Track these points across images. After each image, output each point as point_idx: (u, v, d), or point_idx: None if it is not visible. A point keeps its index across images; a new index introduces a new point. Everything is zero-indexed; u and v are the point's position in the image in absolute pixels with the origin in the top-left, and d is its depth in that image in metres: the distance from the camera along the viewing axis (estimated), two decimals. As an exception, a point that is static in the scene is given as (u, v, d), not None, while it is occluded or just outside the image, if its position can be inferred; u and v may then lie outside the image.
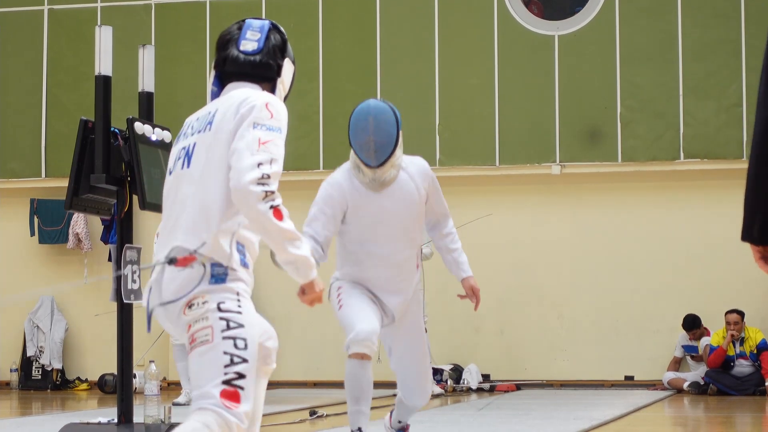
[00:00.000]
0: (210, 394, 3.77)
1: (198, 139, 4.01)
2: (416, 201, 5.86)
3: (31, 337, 14.16)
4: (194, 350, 3.84)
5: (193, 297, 3.84)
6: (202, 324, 3.82)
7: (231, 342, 3.80)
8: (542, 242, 13.43)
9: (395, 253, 5.86)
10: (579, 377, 13.29)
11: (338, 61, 13.74)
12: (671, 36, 13.11)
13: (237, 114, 3.91)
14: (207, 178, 3.92)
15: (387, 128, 5.81)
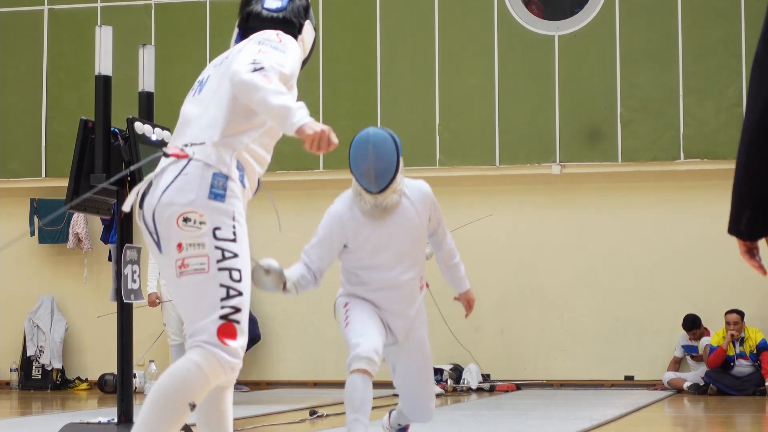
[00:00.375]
0: (206, 329, 3.71)
1: (213, 71, 4.09)
2: (417, 225, 5.94)
3: (31, 336, 14.16)
4: (186, 277, 3.75)
5: (191, 210, 3.78)
6: (198, 251, 3.75)
7: (226, 273, 3.76)
8: (542, 242, 13.43)
9: (398, 276, 5.91)
10: (579, 377, 13.29)
11: (338, 61, 13.74)
12: (671, 36, 13.11)
13: (249, 41, 4.00)
14: (214, 100, 3.96)
15: (387, 155, 5.84)
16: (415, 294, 5.98)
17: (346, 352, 5.98)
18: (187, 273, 3.75)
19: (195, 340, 3.72)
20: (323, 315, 13.76)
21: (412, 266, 5.94)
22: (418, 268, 5.97)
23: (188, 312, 3.76)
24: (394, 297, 5.91)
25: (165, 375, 3.72)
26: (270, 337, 13.81)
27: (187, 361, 3.70)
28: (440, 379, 12.81)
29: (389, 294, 5.91)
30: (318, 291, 15.22)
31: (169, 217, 3.80)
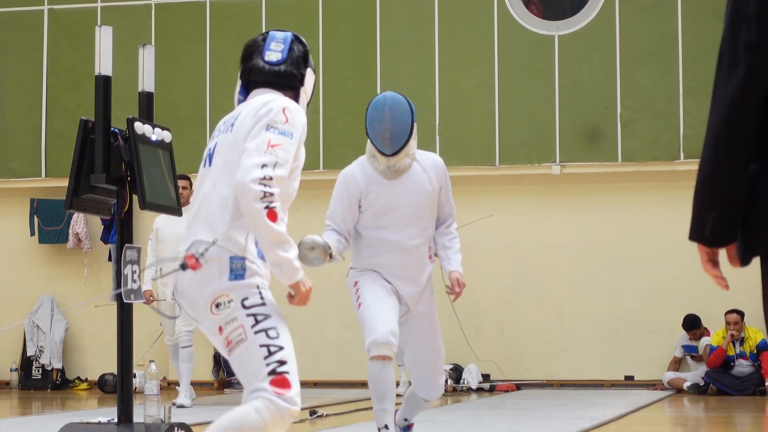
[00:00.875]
0: (261, 388, 3.88)
1: (220, 139, 4.17)
2: (428, 191, 6.15)
3: (31, 336, 14.16)
4: (233, 352, 3.97)
5: (218, 295, 3.96)
6: (234, 325, 3.95)
7: (263, 334, 3.95)
8: (542, 242, 13.43)
9: (407, 240, 6.07)
10: (579, 377, 13.29)
11: (338, 61, 13.74)
12: (671, 36, 13.11)
13: (255, 115, 4.07)
14: (224, 175, 4.06)
15: (402, 118, 6.06)
16: (425, 261, 6.12)
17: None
18: (234, 348, 3.97)
19: (253, 395, 3.90)
20: (323, 315, 13.77)
21: (420, 232, 6.10)
22: (426, 236, 6.12)
23: (245, 379, 3.97)
24: (402, 262, 6.07)
25: (228, 417, 3.90)
26: (270, 337, 13.79)
27: (249, 406, 3.88)
28: (440, 379, 12.81)
29: (397, 258, 6.07)
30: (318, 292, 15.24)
31: (203, 309, 4.02)
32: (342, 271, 14.45)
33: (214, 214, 4.04)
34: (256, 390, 3.88)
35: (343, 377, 13.57)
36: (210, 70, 13.84)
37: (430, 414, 9.68)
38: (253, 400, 3.88)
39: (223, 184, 4.06)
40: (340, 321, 13.72)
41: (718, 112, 2.83)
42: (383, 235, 6.09)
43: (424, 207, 6.14)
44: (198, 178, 4.24)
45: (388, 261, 6.10)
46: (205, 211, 4.07)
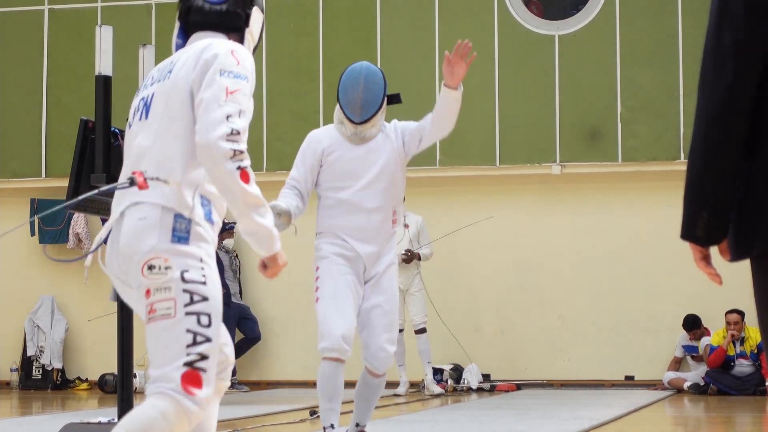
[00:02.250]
0: (170, 377, 3.56)
1: (157, 89, 3.83)
2: (392, 159, 6.28)
3: (32, 336, 14.16)
4: (153, 323, 3.62)
5: (155, 256, 3.62)
6: (164, 295, 3.62)
7: (194, 318, 3.60)
8: (542, 242, 13.43)
9: (365, 201, 6.21)
10: (579, 377, 13.29)
11: (338, 61, 13.73)
12: (671, 36, 13.11)
13: (199, 60, 3.73)
14: (166, 129, 3.74)
15: (375, 89, 6.22)
16: (385, 225, 6.24)
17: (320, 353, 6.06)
18: (155, 318, 3.63)
19: (159, 386, 3.58)
20: (323, 315, 13.77)
21: (379, 195, 6.21)
22: (387, 200, 6.23)
23: (153, 357, 3.62)
24: (360, 223, 6.22)
25: (127, 419, 3.57)
26: (270, 337, 13.81)
27: (151, 407, 3.55)
28: (440, 379, 12.82)
29: (355, 220, 6.23)
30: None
31: (135, 267, 3.69)
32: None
33: (159, 166, 3.70)
34: (165, 381, 3.56)
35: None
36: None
37: (430, 414, 9.68)
38: (158, 395, 3.56)
39: (166, 139, 3.72)
40: (340, 321, 13.71)
41: (707, 110, 2.77)
42: (344, 196, 6.25)
43: (385, 173, 6.25)
44: (129, 132, 3.88)
45: (347, 223, 6.26)
46: (145, 167, 3.71)
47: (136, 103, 3.93)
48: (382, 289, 6.27)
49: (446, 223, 12.93)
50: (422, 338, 12.06)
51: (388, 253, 6.30)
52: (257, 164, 13.65)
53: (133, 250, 3.69)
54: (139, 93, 3.95)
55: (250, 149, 4.32)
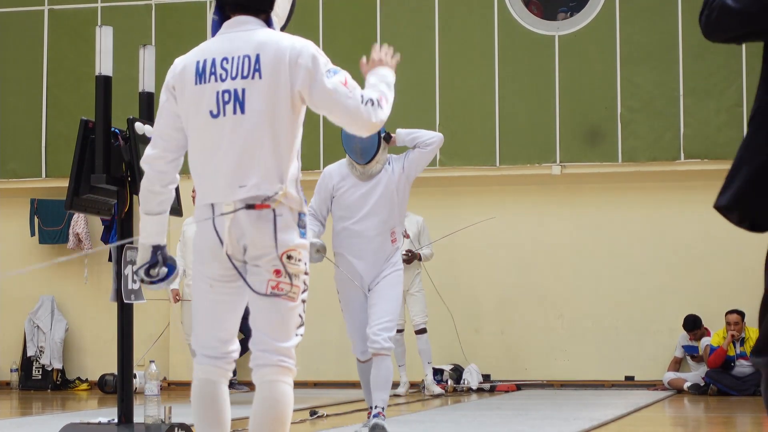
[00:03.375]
0: (289, 353, 4.33)
1: (246, 84, 4.25)
2: (393, 189, 7.44)
3: (32, 337, 14.16)
4: (275, 300, 4.30)
5: (292, 249, 4.29)
6: (294, 281, 4.33)
7: (303, 306, 4.42)
8: (542, 242, 13.43)
9: (367, 231, 7.40)
10: (579, 377, 13.29)
11: (338, 61, 13.66)
12: (671, 36, 13.11)
13: (297, 68, 4.25)
14: (274, 129, 4.26)
15: (371, 136, 6.82)
16: (384, 246, 7.41)
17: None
18: (278, 296, 4.30)
19: (281, 359, 4.31)
20: (323, 315, 13.76)
21: (379, 225, 7.39)
22: (385, 227, 7.40)
23: (270, 328, 4.31)
24: (362, 247, 7.40)
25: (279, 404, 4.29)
26: (270, 338, 13.79)
27: (285, 385, 4.31)
28: (440, 380, 12.82)
29: (358, 243, 7.41)
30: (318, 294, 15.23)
31: (272, 254, 4.27)
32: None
33: (270, 166, 4.24)
34: (287, 356, 4.30)
35: (343, 377, 13.56)
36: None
37: (430, 414, 9.68)
38: (284, 369, 4.28)
39: (274, 136, 4.26)
40: (339, 321, 13.67)
41: None
42: (347, 224, 7.45)
43: (381, 204, 7.40)
44: (220, 121, 4.27)
45: (349, 245, 7.44)
46: (256, 161, 4.23)
47: (212, 92, 4.28)
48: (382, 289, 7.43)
49: (447, 224, 12.92)
50: (422, 338, 12.06)
51: (389, 268, 7.44)
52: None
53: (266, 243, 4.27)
54: (207, 81, 4.30)
55: None
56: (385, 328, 7.35)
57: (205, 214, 4.30)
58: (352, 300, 7.52)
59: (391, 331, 7.40)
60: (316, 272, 14.60)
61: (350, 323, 7.60)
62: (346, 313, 7.60)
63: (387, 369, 7.41)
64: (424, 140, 7.62)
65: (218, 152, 4.27)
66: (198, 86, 4.29)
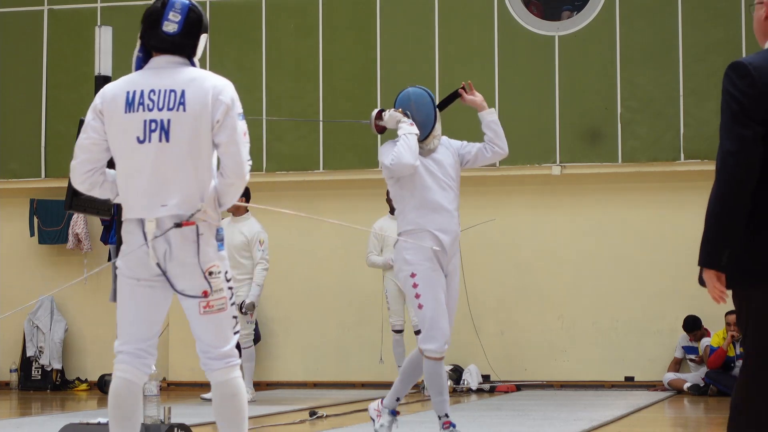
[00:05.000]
0: (232, 353, 4.90)
1: (172, 116, 4.81)
2: (453, 163, 7.27)
3: (31, 337, 14.15)
4: (212, 314, 4.84)
5: (213, 264, 4.82)
6: (220, 295, 4.84)
7: (234, 307, 4.91)
8: (542, 243, 13.42)
9: (442, 200, 7.12)
10: (579, 378, 13.28)
11: (338, 62, 13.73)
12: (671, 36, 13.10)
13: (218, 103, 4.83)
14: (194, 156, 4.80)
15: (425, 110, 7.20)
16: (458, 222, 7.19)
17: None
18: (212, 312, 4.85)
19: (228, 361, 4.90)
20: (323, 316, 13.75)
21: (456, 199, 7.21)
22: (455, 199, 7.20)
23: (211, 338, 4.88)
24: (444, 218, 7.10)
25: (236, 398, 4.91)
26: (270, 338, 13.80)
27: (237, 379, 4.91)
28: (440, 380, 12.79)
29: (440, 215, 7.09)
30: (317, 294, 15.08)
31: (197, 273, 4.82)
32: (341, 274, 14.41)
33: (192, 192, 4.80)
34: (227, 357, 4.89)
35: (343, 378, 13.56)
36: (210, 70, 13.80)
37: (430, 414, 9.67)
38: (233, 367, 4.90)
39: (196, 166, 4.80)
40: (340, 322, 13.70)
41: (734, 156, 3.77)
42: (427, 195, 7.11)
43: (451, 175, 7.22)
44: (144, 147, 4.81)
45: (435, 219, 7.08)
46: (178, 187, 4.79)
47: (140, 120, 4.84)
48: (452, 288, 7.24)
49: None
50: (422, 339, 12.04)
51: (457, 255, 7.24)
52: (257, 164, 13.63)
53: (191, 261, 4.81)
54: (135, 110, 4.85)
55: (250, 148, 4.63)
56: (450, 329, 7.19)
57: (133, 227, 4.84)
58: (436, 283, 7.06)
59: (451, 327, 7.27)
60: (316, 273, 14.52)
61: (436, 309, 7.02)
62: (430, 298, 7.02)
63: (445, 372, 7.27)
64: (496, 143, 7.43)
65: (143, 174, 4.81)
66: (127, 114, 4.82)
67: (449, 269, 7.16)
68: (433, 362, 7.04)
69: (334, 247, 13.61)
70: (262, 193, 13.27)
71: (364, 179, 13.33)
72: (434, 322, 6.99)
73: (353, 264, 13.20)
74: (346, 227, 13.63)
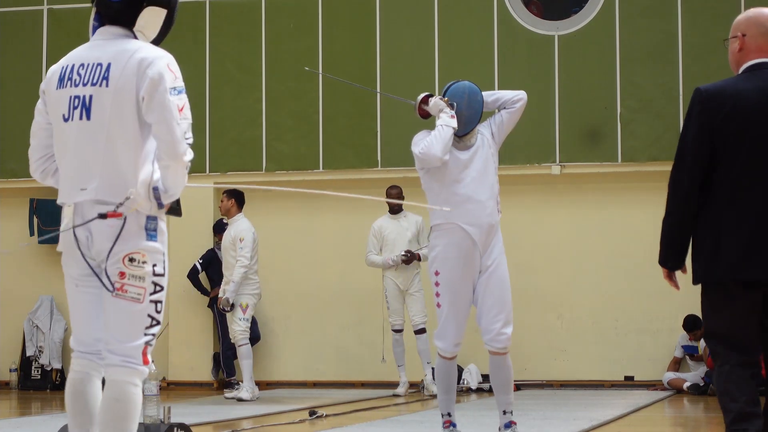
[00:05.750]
0: (135, 353, 4.44)
1: (94, 92, 4.45)
2: (488, 153, 7.18)
3: (31, 337, 14.15)
4: (122, 302, 4.43)
5: (135, 252, 4.42)
6: (138, 283, 4.44)
7: (154, 306, 4.48)
8: (542, 242, 13.42)
9: (478, 194, 7.03)
10: (579, 377, 13.28)
11: (338, 61, 13.73)
12: (671, 36, 13.10)
13: (144, 77, 4.40)
14: (117, 135, 4.43)
15: (476, 106, 7.24)
16: (492, 211, 7.07)
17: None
18: (124, 298, 4.43)
19: (125, 359, 4.43)
20: (323, 315, 13.75)
21: (490, 189, 7.09)
22: (491, 191, 7.09)
23: (116, 328, 4.44)
24: (473, 210, 7.01)
25: (119, 402, 4.41)
26: (270, 337, 13.80)
27: (128, 385, 4.43)
28: (440, 380, 12.80)
29: (473, 208, 7.01)
30: (317, 294, 15.08)
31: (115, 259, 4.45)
32: (341, 274, 14.39)
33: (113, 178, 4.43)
34: (129, 355, 4.42)
35: (343, 377, 13.56)
36: (209, 70, 13.83)
37: (430, 414, 9.67)
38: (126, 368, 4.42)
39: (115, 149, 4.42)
40: (339, 321, 13.71)
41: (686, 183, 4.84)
42: (459, 189, 7.05)
43: (486, 169, 7.11)
44: (66, 126, 4.49)
45: (466, 211, 7.01)
46: (97, 171, 4.45)
47: (65, 97, 4.50)
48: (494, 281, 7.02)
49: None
50: (422, 338, 12.06)
51: (498, 245, 7.10)
52: (257, 164, 13.65)
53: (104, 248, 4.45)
54: (65, 86, 4.51)
55: (250, 148, 4.64)
56: (507, 322, 7.04)
57: (68, 214, 4.65)
58: (458, 283, 7.02)
59: (512, 325, 7.12)
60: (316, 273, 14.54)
61: (450, 309, 7.02)
62: (447, 297, 7.01)
63: (510, 367, 7.23)
64: (509, 99, 7.48)
65: (67, 155, 4.54)
66: (58, 91, 4.52)
67: (487, 264, 7.03)
68: (443, 360, 7.23)
69: (333, 247, 13.61)
70: (262, 192, 13.26)
71: (364, 179, 13.33)
72: (447, 323, 7.05)
73: (353, 264, 13.21)
74: (346, 227, 13.64)
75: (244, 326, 11.60)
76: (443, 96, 7.33)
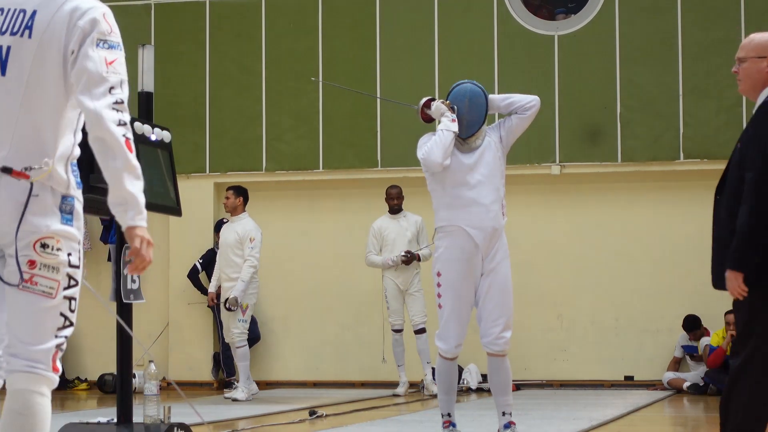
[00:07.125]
0: (43, 358, 3.72)
1: (13, 42, 3.70)
2: (494, 157, 7.19)
3: (31, 337, 14.14)
4: (29, 294, 3.69)
5: (47, 236, 3.68)
6: (51, 274, 3.69)
7: (68, 303, 3.75)
8: (542, 242, 13.42)
9: (482, 197, 7.04)
10: (579, 377, 13.28)
11: (338, 61, 13.73)
12: (671, 36, 13.10)
13: (73, 26, 3.69)
14: (37, 95, 3.70)
15: (479, 109, 7.21)
16: (496, 215, 7.06)
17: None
18: (33, 291, 3.68)
19: (30, 364, 3.72)
20: (323, 315, 13.75)
21: (495, 192, 7.09)
22: (497, 195, 7.09)
23: (22, 328, 3.70)
24: (480, 216, 7.01)
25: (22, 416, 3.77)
26: (270, 337, 13.80)
27: (35, 395, 3.77)
28: (440, 380, 12.80)
29: (476, 212, 7.02)
30: (317, 294, 15.10)
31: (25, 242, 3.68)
32: (340, 274, 14.38)
33: (28, 142, 3.68)
34: (34, 360, 3.71)
35: (343, 377, 13.56)
36: (209, 70, 13.83)
37: (430, 414, 9.67)
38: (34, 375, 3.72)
39: (33, 106, 3.69)
40: (339, 321, 13.71)
41: None
42: (463, 192, 7.06)
43: (492, 172, 7.11)
44: None
45: (469, 214, 7.03)
46: (10, 132, 3.68)
47: None
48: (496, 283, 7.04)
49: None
50: (422, 338, 12.06)
51: (502, 249, 7.11)
52: (257, 164, 13.65)
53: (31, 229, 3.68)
54: None
55: (250, 148, 4.42)
56: (507, 326, 7.06)
57: None
58: (459, 285, 7.04)
59: (511, 329, 7.13)
60: (316, 273, 14.51)
61: (452, 310, 7.04)
62: (449, 299, 7.03)
63: (509, 369, 7.23)
64: (522, 105, 7.51)
65: None
66: None
67: (489, 267, 7.05)
68: (443, 360, 7.20)
69: (333, 246, 13.61)
70: (261, 192, 13.27)
71: (364, 179, 13.34)
72: (448, 324, 7.06)
73: (353, 264, 13.21)
74: (346, 227, 13.64)
75: (242, 328, 11.62)
76: (447, 98, 7.30)
